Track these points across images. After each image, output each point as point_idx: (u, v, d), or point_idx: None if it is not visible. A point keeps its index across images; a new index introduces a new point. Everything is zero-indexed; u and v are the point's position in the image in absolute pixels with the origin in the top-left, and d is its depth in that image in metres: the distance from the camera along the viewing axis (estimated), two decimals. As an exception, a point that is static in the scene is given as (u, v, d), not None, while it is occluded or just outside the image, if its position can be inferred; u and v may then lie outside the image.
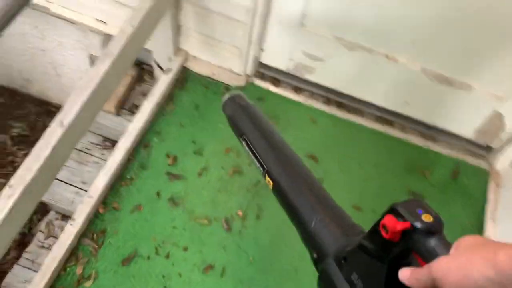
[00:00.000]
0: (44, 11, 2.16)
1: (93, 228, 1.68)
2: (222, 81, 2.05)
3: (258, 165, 0.81)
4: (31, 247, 2.08)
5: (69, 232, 1.62)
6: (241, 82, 2.04)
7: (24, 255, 2.06)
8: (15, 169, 2.66)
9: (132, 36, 1.45)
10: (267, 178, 0.78)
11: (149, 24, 1.59)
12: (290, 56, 1.93)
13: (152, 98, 1.94)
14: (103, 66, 1.31)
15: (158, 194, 1.76)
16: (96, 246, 1.64)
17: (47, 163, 1.18)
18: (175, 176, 1.81)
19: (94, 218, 1.69)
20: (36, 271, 2.04)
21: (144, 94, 2.19)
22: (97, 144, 2.26)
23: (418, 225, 0.47)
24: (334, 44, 1.78)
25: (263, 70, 2.06)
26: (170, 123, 1.92)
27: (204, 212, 1.74)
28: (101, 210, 1.71)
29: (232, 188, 1.80)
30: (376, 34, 1.70)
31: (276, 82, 2.07)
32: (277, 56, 1.98)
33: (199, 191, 1.78)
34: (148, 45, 2.07)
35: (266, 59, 2.01)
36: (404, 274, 0.48)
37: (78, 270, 1.60)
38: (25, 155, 2.70)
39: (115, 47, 1.40)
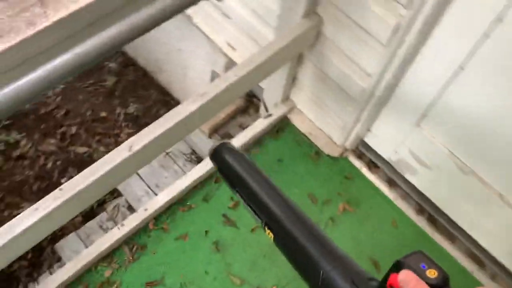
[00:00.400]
0: (189, 19, 2.28)
1: (136, 239, 1.71)
2: (317, 144, 1.94)
3: (256, 216, 0.79)
4: (92, 223, 2.23)
5: (115, 235, 1.68)
6: (335, 152, 1.91)
7: (84, 227, 2.21)
8: (116, 143, 2.88)
9: (244, 78, 1.42)
10: (267, 230, 0.76)
11: (268, 68, 1.56)
12: (396, 149, 1.74)
13: (242, 136, 1.92)
14: (191, 106, 1.31)
15: (206, 232, 1.73)
16: (131, 258, 1.68)
17: (102, 179, 1.21)
18: (230, 221, 1.76)
19: (142, 230, 1.73)
20: (87, 246, 2.18)
21: (242, 127, 2.19)
22: (184, 154, 2.32)
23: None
24: (446, 159, 1.56)
25: (362, 149, 1.90)
26: (248, 168, 1.88)
27: (240, 271, 1.66)
28: (151, 226, 1.74)
29: (277, 258, 1.69)
30: (497, 170, 1.44)
31: (371, 166, 1.89)
32: (382, 142, 1.80)
33: (245, 247, 1.71)
34: (261, 82, 2.07)
35: (370, 141, 1.84)
36: (407, 276, 0.49)
37: (107, 273, 1.65)
38: (129, 134, 2.93)
39: (217, 87, 1.38)
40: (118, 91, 3.13)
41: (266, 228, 0.77)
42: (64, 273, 1.63)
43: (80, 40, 0.76)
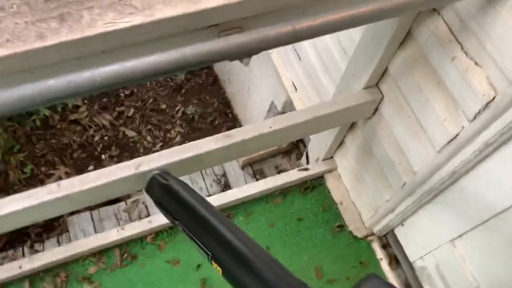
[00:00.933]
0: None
1: (131, 247, 1.69)
2: (344, 217, 1.79)
3: (201, 250, 0.76)
4: (108, 209, 2.25)
5: (112, 235, 1.67)
6: (360, 232, 1.76)
7: (99, 210, 2.24)
8: (164, 138, 2.90)
9: (279, 132, 1.33)
10: (214, 264, 0.74)
11: (310, 129, 1.47)
12: (423, 255, 1.56)
13: (271, 180, 1.83)
14: (212, 144, 1.25)
15: (199, 266, 1.66)
16: (119, 263, 1.65)
17: (99, 189, 1.18)
18: (226, 264, 1.67)
19: (139, 240, 1.70)
20: (95, 230, 2.20)
21: (278, 168, 2.10)
22: (215, 174, 2.28)
23: None
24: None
25: (390, 240, 1.73)
26: (264, 215, 1.78)
27: (215, 319, 1.58)
28: (149, 239, 1.70)
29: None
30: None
31: (393, 261, 1.71)
32: (412, 242, 1.62)
33: (230, 296, 1.62)
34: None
35: (400, 235, 1.67)
36: None
37: (91, 270, 1.64)
38: (179, 133, 2.94)
39: (245, 133, 1.31)
40: (185, 89, 3.17)
41: (213, 262, 0.74)
42: (54, 253, 1.65)
43: (89, 66, 0.73)
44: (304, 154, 2.02)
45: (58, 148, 2.69)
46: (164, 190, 0.89)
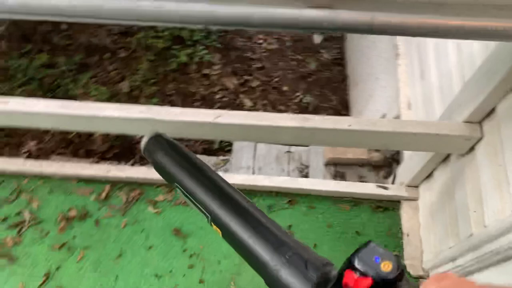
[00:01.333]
0: (396, 58, 2.17)
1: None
2: (405, 248, 1.69)
3: (200, 212, 0.75)
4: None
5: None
6: (413, 269, 1.65)
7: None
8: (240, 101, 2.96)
9: (357, 134, 1.33)
10: (214, 226, 0.73)
11: (400, 142, 1.42)
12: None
13: (349, 185, 1.80)
14: (286, 121, 1.30)
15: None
16: (182, 202, 1.81)
17: (177, 124, 1.32)
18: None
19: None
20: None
21: (360, 177, 2.04)
22: (301, 162, 2.31)
23: (379, 278, 0.47)
24: None
25: (443, 292, 1.58)
26: (325, 214, 1.77)
27: (245, 284, 1.64)
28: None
29: None
30: None
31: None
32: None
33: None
34: (405, 155, 1.88)
35: None
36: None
37: (159, 198, 1.83)
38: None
39: (322, 122, 1.34)
40: (311, 78, 3.23)
41: (212, 224, 0.73)
42: (138, 172, 1.88)
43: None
44: (393, 174, 1.93)
45: (184, 93, 2.99)
46: (157, 154, 0.83)
